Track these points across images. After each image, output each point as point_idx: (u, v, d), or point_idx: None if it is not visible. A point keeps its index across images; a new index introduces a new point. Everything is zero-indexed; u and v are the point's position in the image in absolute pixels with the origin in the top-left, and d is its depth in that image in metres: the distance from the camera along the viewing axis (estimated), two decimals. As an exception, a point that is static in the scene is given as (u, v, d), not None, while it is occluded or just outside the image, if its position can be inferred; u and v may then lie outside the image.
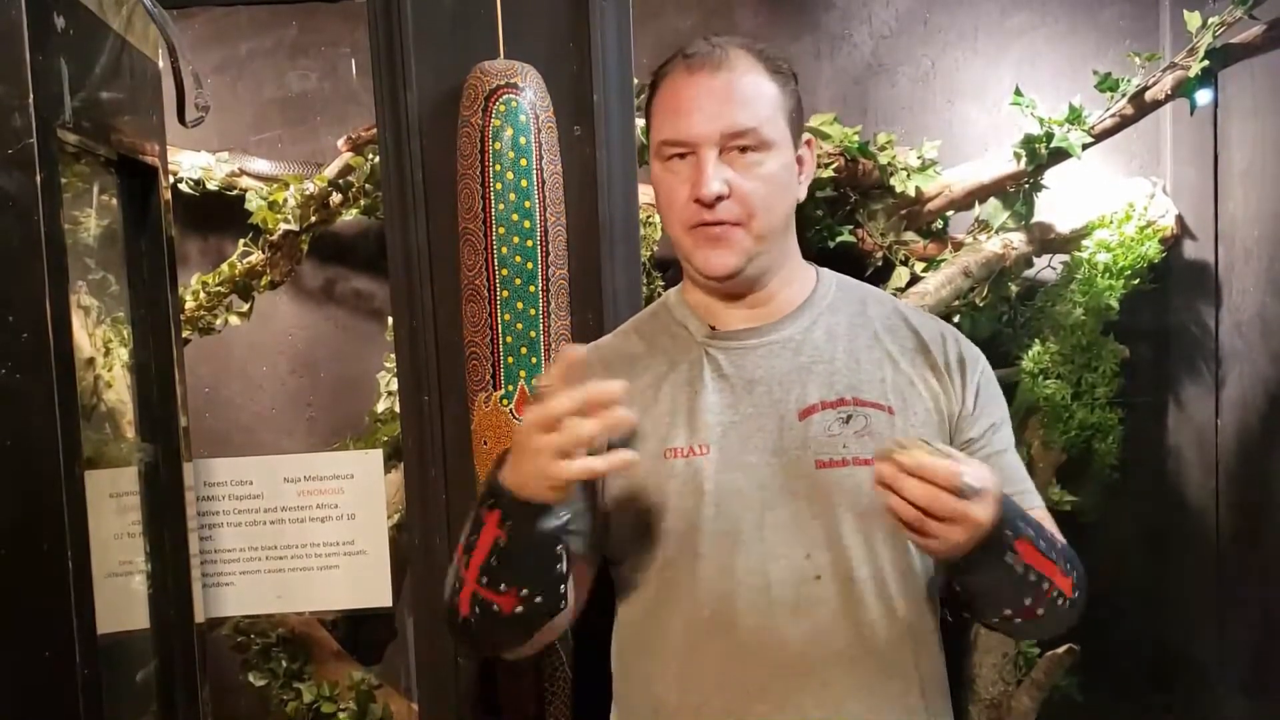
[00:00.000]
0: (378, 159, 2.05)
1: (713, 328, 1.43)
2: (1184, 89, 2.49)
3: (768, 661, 1.33)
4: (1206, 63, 2.44)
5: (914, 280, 2.66)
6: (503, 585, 1.29)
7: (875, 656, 1.34)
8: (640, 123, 2.15)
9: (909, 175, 2.64)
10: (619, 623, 1.46)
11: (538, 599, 1.32)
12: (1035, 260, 2.79)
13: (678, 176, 1.36)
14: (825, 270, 1.50)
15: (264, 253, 2.62)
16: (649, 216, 2.46)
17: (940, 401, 1.40)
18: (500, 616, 1.32)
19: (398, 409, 2.05)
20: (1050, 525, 1.41)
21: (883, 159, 2.63)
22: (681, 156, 1.36)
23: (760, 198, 1.35)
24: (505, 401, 1.70)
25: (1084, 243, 2.71)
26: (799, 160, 1.41)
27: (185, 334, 2.57)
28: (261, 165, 2.75)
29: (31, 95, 1.23)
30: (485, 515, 1.28)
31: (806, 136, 1.44)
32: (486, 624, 1.33)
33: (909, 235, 2.70)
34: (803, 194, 1.43)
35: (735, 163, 1.34)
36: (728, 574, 1.35)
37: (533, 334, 1.70)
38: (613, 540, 1.42)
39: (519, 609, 1.31)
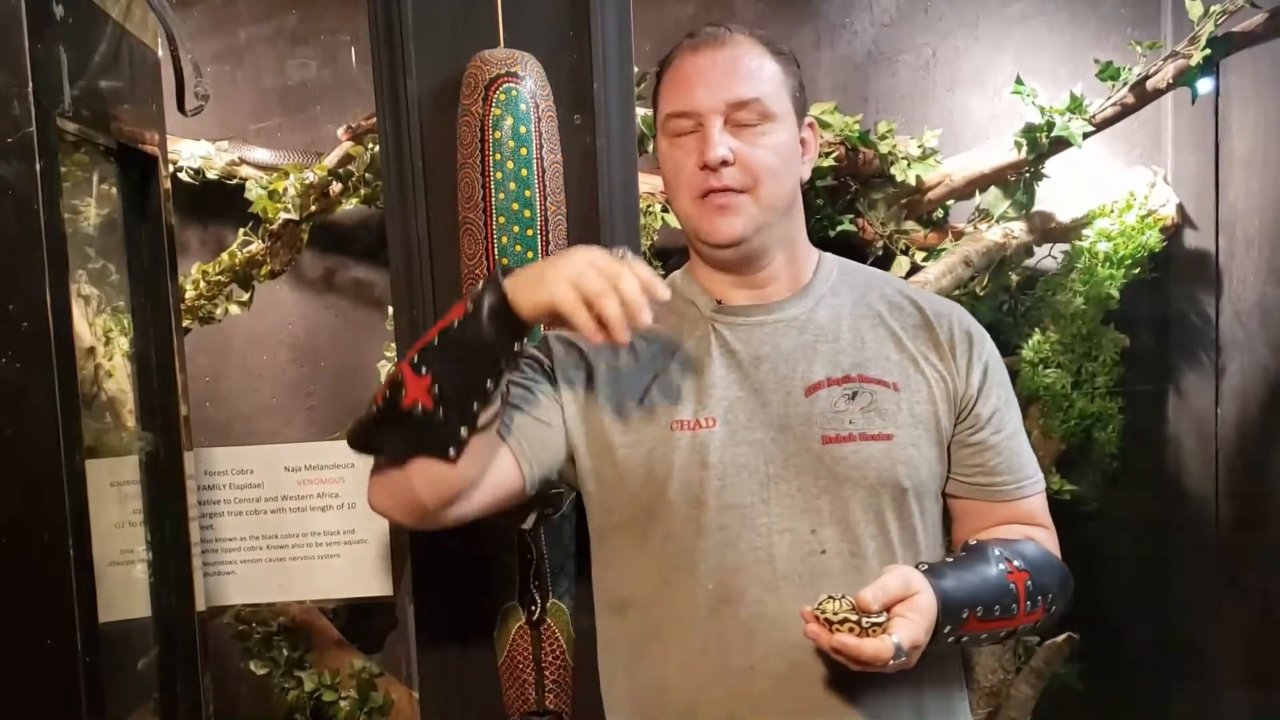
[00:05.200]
0: (377, 148, 2.04)
1: (719, 302, 1.44)
2: (1185, 78, 2.49)
3: (772, 636, 1.34)
4: (1208, 51, 2.43)
5: (914, 269, 2.66)
6: (425, 369, 1.27)
7: None
8: (641, 112, 2.14)
9: (909, 164, 2.64)
10: (619, 599, 1.44)
11: (441, 408, 1.27)
12: (1036, 249, 2.79)
13: (684, 149, 1.39)
14: (828, 254, 1.51)
15: (264, 242, 2.62)
16: (649, 206, 2.46)
17: (943, 382, 1.41)
18: (398, 409, 1.29)
19: (398, 398, 2.04)
20: (1042, 514, 1.45)
21: (883, 148, 2.63)
22: (689, 132, 1.38)
23: (765, 166, 1.37)
24: (505, 391, 1.70)
25: (1084, 232, 2.71)
26: (802, 141, 1.43)
27: (185, 323, 2.58)
28: (261, 154, 2.75)
29: (31, 84, 1.22)
30: (457, 306, 1.28)
31: (809, 119, 1.45)
32: (382, 418, 1.32)
33: (909, 224, 2.71)
34: (806, 174, 1.45)
35: (740, 134, 1.37)
36: (732, 548, 1.35)
37: (533, 323, 1.70)
38: (616, 513, 1.42)
39: (418, 409, 1.27)
